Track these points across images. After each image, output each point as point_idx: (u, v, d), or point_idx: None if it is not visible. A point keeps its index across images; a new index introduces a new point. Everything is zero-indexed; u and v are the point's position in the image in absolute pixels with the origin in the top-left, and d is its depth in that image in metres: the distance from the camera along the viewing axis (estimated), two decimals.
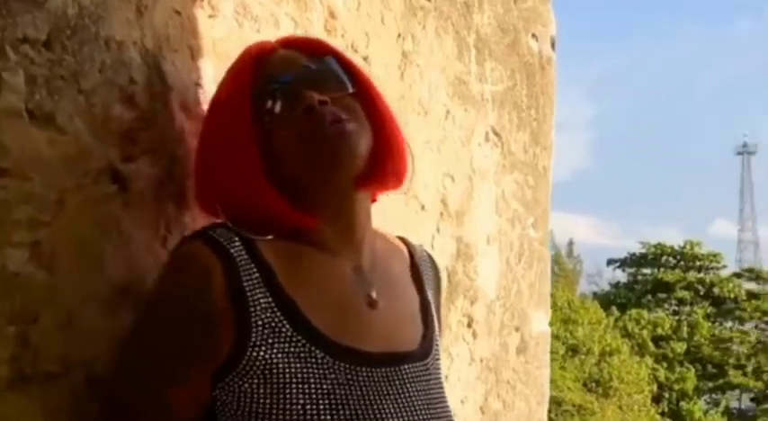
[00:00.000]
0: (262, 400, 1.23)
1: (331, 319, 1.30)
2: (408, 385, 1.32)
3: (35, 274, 1.24)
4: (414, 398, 1.32)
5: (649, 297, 38.42)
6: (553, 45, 2.65)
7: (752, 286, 40.06)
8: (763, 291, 39.19)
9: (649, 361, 30.70)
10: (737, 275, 41.17)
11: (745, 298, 38.35)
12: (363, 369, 1.28)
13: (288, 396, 1.22)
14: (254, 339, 1.25)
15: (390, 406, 1.28)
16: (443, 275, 1.95)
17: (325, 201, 1.34)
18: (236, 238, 1.30)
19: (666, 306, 38.32)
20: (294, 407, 1.22)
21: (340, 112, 1.32)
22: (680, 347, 34.32)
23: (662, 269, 39.12)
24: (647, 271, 40.26)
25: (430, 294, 1.49)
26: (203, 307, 1.26)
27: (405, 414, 1.29)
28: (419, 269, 1.50)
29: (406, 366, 1.34)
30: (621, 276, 40.99)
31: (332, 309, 1.32)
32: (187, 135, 1.49)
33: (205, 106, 1.52)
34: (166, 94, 1.46)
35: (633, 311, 34.70)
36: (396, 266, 1.46)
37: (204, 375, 1.27)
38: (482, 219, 2.25)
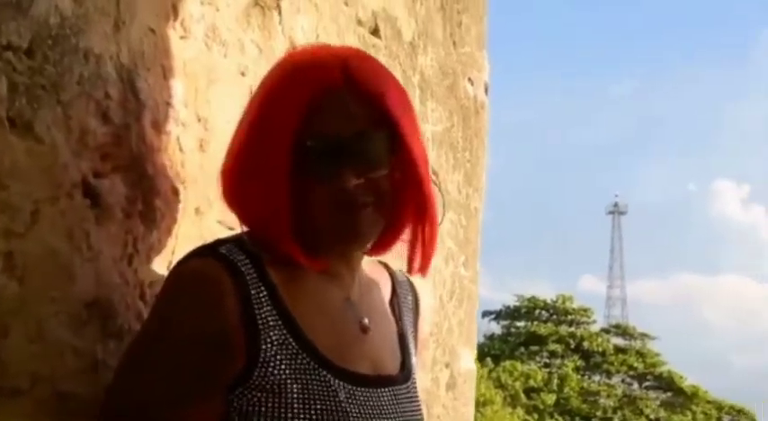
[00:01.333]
0: (268, 415, 1.26)
1: (330, 341, 1.34)
2: (400, 405, 1.39)
3: (7, 285, 1.21)
4: (407, 417, 1.40)
5: (522, 349, 39.12)
6: (486, 90, 2.72)
7: (619, 341, 41.30)
8: (630, 347, 40.43)
9: (521, 412, 31.17)
10: (606, 331, 42.42)
11: (612, 352, 39.49)
12: (360, 389, 1.34)
13: (294, 411, 1.26)
14: (263, 356, 1.27)
15: None
16: None
17: (333, 255, 1.39)
18: (244, 255, 1.31)
19: (538, 358, 39.12)
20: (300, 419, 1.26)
21: (367, 196, 1.33)
22: (550, 399, 35.03)
23: (535, 322, 39.98)
24: (520, 323, 41.03)
25: (407, 320, 1.54)
26: (217, 325, 1.27)
27: None
28: (398, 295, 1.54)
29: (395, 388, 1.41)
30: (496, 328, 41.69)
31: (330, 331, 1.36)
32: (156, 153, 1.48)
33: (173, 127, 1.52)
34: (140, 110, 1.45)
35: (507, 363, 35.29)
36: (378, 295, 1.51)
37: (217, 392, 1.28)
38: None
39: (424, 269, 1.45)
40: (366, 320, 1.42)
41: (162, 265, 1.49)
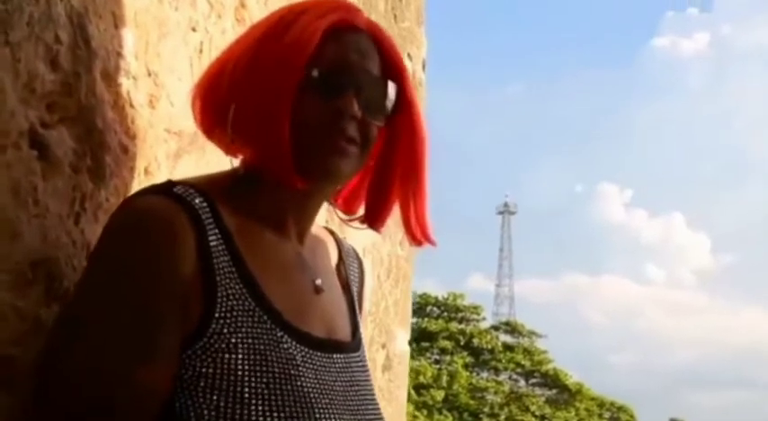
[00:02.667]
0: (219, 375, 1.15)
1: (285, 300, 1.25)
2: (353, 374, 1.31)
3: None
4: (361, 386, 1.32)
5: (413, 345, 39.40)
6: (424, 67, 2.67)
7: (507, 339, 42.04)
8: (518, 344, 41.19)
9: (410, 408, 31.40)
10: (495, 328, 43.09)
11: (501, 350, 40.15)
12: (316, 353, 1.25)
13: (247, 374, 1.16)
14: (219, 310, 1.17)
15: (342, 392, 1.26)
16: None
17: (312, 180, 1.29)
18: (200, 198, 1.21)
19: (429, 354, 39.44)
20: (253, 384, 1.16)
21: (357, 133, 1.28)
22: (439, 395, 35.39)
23: (426, 318, 40.32)
24: (412, 320, 41.32)
25: (354, 290, 1.46)
26: (175, 272, 1.16)
27: (355, 400, 1.28)
28: (345, 263, 1.47)
29: (348, 355, 1.33)
30: None
31: (285, 289, 1.27)
32: (106, 106, 1.38)
33: (123, 79, 1.42)
34: (90, 59, 1.34)
35: None
36: (326, 258, 1.43)
37: (173, 351, 1.16)
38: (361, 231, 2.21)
39: (426, 237, 1.40)
40: (319, 280, 1.34)
41: None
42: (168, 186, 1.24)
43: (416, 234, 1.39)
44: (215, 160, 1.58)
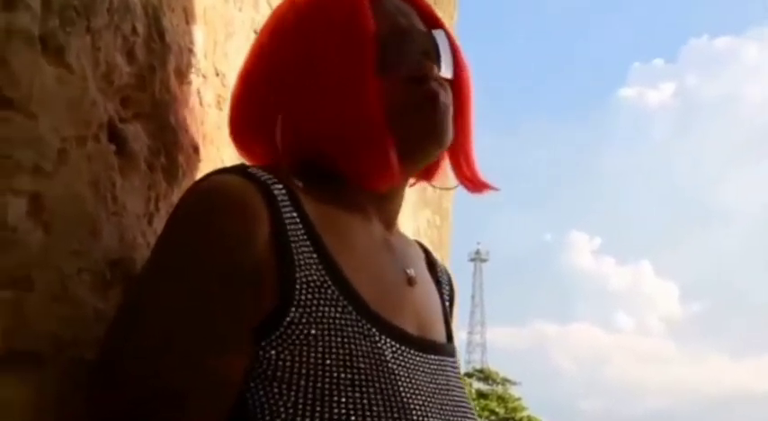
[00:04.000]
0: (298, 369, 1.05)
1: (373, 290, 1.13)
2: (451, 379, 1.21)
3: (32, 232, 1.03)
4: (458, 393, 1.21)
5: None
6: None
7: (481, 386, 41.72)
8: (492, 391, 40.89)
9: None
10: (468, 375, 42.78)
11: (475, 397, 39.84)
12: (409, 350, 1.14)
13: (332, 369, 1.05)
14: (298, 298, 1.06)
15: (437, 395, 1.15)
16: None
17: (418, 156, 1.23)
18: (276, 180, 1.12)
19: None
20: (336, 380, 1.05)
21: (446, 98, 1.22)
22: None
23: None
24: None
25: (446, 298, 1.37)
26: (250, 257, 1.06)
27: (450, 406, 1.17)
28: (436, 270, 1.38)
29: (444, 358, 1.21)
30: None
31: (372, 278, 1.16)
32: (179, 104, 1.32)
33: (194, 77, 1.36)
34: (165, 53, 1.29)
35: None
36: (418, 256, 1.35)
37: (245, 341, 1.06)
38: None
39: (476, 183, 1.32)
40: (411, 270, 1.24)
41: None
42: (242, 167, 1.16)
43: (467, 178, 1.32)
44: None
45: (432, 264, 1.38)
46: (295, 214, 1.11)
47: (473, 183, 1.31)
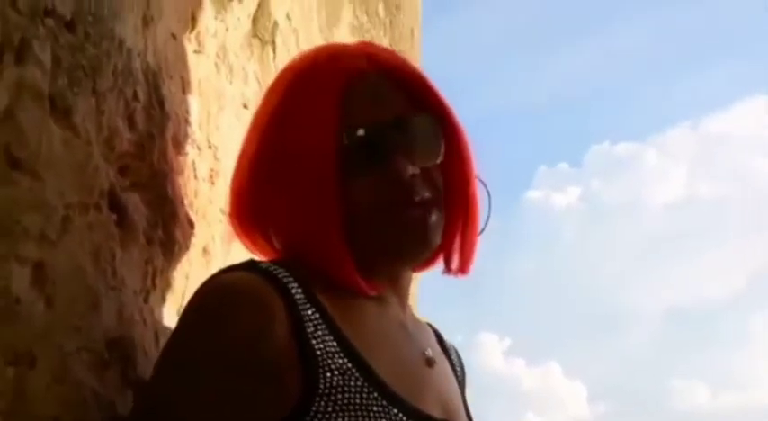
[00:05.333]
0: None
1: (395, 372, 1.08)
2: None
3: (35, 304, 0.94)
4: None
5: None
6: None
7: None
8: None
9: None
10: None
11: None
12: None
13: None
14: (323, 385, 1.01)
15: None
16: None
17: (385, 271, 1.18)
18: (287, 273, 1.07)
19: None
20: None
21: (425, 190, 1.13)
22: None
23: None
24: None
25: (458, 378, 1.31)
26: (269, 351, 1.01)
27: None
28: (447, 350, 1.32)
29: None
30: None
31: (393, 362, 1.11)
32: (175, 175, 1.25)
33: (190, 148, 1.30)
34: (164, 122, 1.22)
35: None
36: (430, 335, 1.29)
37: None
38: None
39: (465, 269, 1.23)
40: (429, 351, 1.19)
41: (172, 309, 1.24)
42: (252, 263, 1.11)
43: (454, 264, 1.24)
44: None
45: (442, 343, 1.32)
46: (310, 305, 1.06)
47: (455, 267, 1.24)
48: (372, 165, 1.12)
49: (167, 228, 1.22)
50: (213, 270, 1.36)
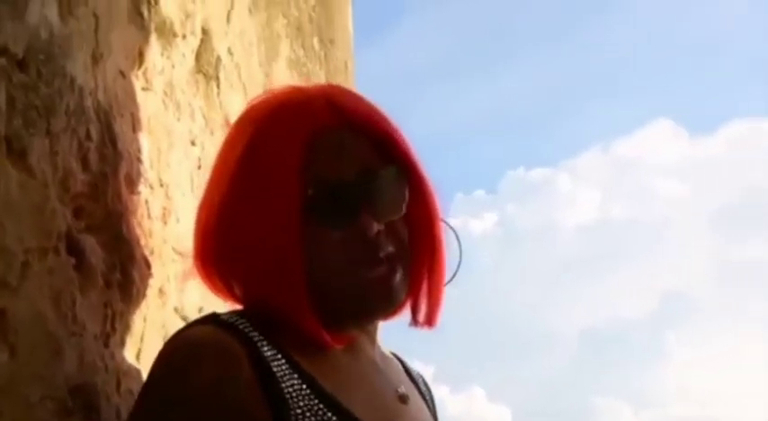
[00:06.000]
0: None
1: (369, 412, 1.07)
2: None
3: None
4: None
5: None
6: None
7: None
8: None
9: None
10: None
11: None
12: None
13: None
14: None
15: None
16: None
17: (357, 325, 1.17)
18: (253, 327, 1.06)
19: None
20: None
21: (389, 245, 1.12)
22: None
23: None
24: None
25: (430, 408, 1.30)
26: (231, 398, 0.99)
27: None
28: (414, 378, 1.30)
29: None
30: None
31: (366, 400, 1.10)
32: (130, 215, 1.22)
33: (143, 187, 1.27)
34: (117, 161, 1.20)
35: None
36: (399, 371, 1.27)
37: None
38: None
39: (431, 321, 1.21)
40: (402, 388, 1.18)
41: (132, 352, 1.21)
42: (213, 316, 1.10)
43: (421, 316, 1.21)
44: None
45: (408, 372, 1.30)
46: (275, 351, 1.05)
47: (421, 320, 1.21)
48: (337, 222, 1.10)
49: (125, 270, 1.18)
50: (169, 310, 1.34)
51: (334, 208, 1.10)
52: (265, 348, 1.04)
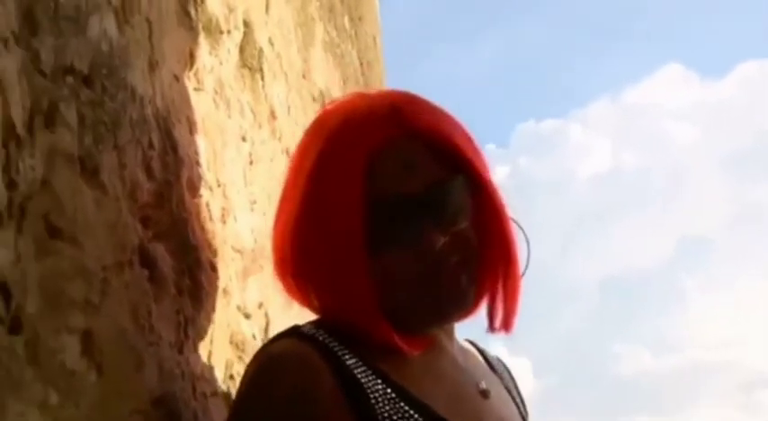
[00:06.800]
0: None
1: (454, 411, 1.09)
2: None
3: (87, 374, 0.92)
4: None
5: None
6: None
7: None
8: None
9: None
10: None
11: None
12: None
13: None
14: None
15: None
16: None
17: (431, 331, 1.18)
18: (332, 337, 1.08)
19: None
20: None
21: (455, 255, 1.12)
22: None
23: None
24: None
25: (515, 396, 1.31)
26: (314, 409, 1.02)
27: None
28: (497, 371, 1.31)
29: None
30: None
31: (450, 400, 1.11)
32: (194, 220, 1.23)
33: (204, 189, 1.27)
34: (179, 167, 1.20)
35: None
36: (480, 362, 1.28)
37: None
38: None
39: (508, 326, 1.21)
40: (483, 384, 1.19)
41: (204, 355, 1.22)
42: (294, 329, 1.12)
43: (498, 321, 1.21)
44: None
45: (487, 360, 1.31)
46: (356, 359, 1.07)
47: (498, 325, 1.22)
48: (403, 240, 1.11)
49: (193, 276, 1.19)
50: (233, 309, 1.35)
51: (397, 226, 1.11)
52: (346, 357, 1.06)
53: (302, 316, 1.19)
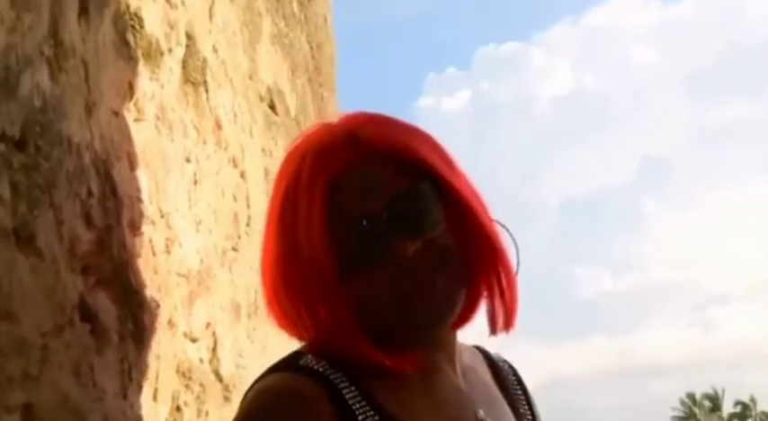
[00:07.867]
0: None
1: None
2: None
3: None
4: None
5: None
6: None
7: None
8: None
9: None
10: None
11: None
12: None
13: None
14: None
15: None
16: None
17: (419, 345, 1.16)
18: (329, 366, 1.09)
19: None
20: None
21: (430, 259, 1.12)
22: None
23: None
24: None
25: (519, 402, 1.32)
26: None
27: None
28: (501, 377, 1.32)
29: None
30: None
31: None
32: (136, 260, 1.22)
33: (145, 225, 1.27)
34: (119, 209, 1.19)
35: None
36: (483, 380, 1.29)
37: None
38: None
39: (509, 325, 1.22)
40: (481, 412, 1.19)
41: (149, 394, 1.23)
42: (293, 360, 1.12)
43: (499, 322, 1.21)
44: (221, 299, 1.44)
45: (493, 365, 1.33)
46: (347, 384, 1.08)
47: (500, 325, 1.22)
48: (374, 256, 1.11)
49: (136, 318, 1.19)
50: (179, 338, 1.35)
51: (366, 246, 1.11)
52: (339, 382, 1.07)
53: (250, 331, 1.19)
